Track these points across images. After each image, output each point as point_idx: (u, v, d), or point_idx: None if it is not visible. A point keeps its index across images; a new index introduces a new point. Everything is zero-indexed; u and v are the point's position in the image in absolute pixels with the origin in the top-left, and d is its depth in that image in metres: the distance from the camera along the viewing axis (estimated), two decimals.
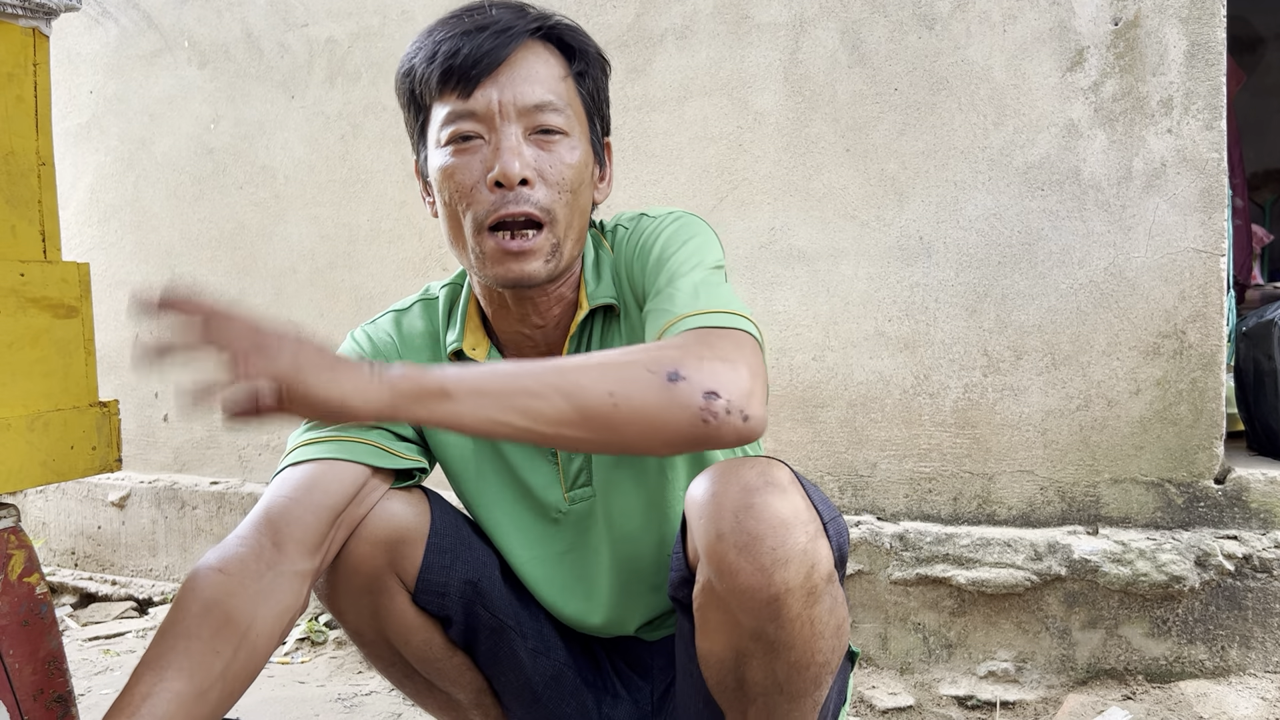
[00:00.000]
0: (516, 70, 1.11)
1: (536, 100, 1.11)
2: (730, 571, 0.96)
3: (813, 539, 0.96)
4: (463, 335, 1.24)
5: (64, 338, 1.34)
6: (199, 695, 0.97)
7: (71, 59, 3.16)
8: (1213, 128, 1.90)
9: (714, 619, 1.02)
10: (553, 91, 1.13)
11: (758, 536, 0.94)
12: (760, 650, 0.99)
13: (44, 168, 1.34)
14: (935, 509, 2.12)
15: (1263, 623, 1.89)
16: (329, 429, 1.20)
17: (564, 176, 1.13)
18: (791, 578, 0.95)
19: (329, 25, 2.73)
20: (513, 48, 1.10)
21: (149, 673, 0.97)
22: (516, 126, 1.11)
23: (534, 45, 1.14)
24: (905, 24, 2.10)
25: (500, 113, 1.10)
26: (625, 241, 1.25)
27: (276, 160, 2.83)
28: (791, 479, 1.00)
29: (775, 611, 0.96)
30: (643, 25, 2.34)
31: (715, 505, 0.97)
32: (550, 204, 1.12)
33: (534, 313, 1.21)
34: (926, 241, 2.10)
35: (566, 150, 1.14)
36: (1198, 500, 1.94)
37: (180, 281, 2.74)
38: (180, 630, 1.01)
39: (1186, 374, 1.94)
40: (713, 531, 0.97)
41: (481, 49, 1.09)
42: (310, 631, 2.57)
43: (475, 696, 1.33)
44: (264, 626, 1.05)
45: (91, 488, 3.09)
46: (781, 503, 0.95)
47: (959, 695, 2.01)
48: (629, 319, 1.23)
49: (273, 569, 1.08)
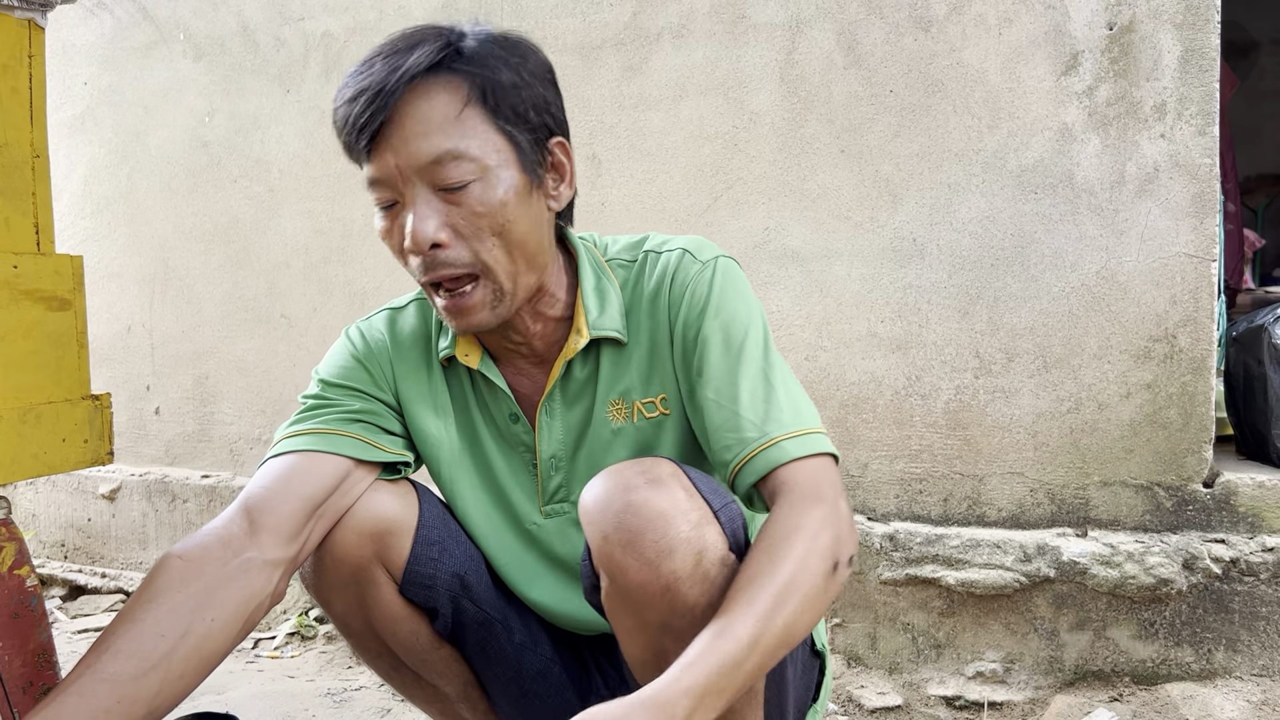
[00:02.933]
0: (405, 126, 1.05)
1: (431, 155, 1.05)
2: (620, 570, 0.99)
3: (696, 526, 0.99)
4: (455, 342, 1.24)
5: (56, 330, 1.34)
6: (136, 677, 0.96)
7: (66, 50, 3.15)
8: (1206, 133, 1.91)
9: (625, 622, 1.05)
10: (449, 135, 1.05)
11: (638, 531, 0.97)
12: (672, 643, 0.99)
13: (38, 160, 1.34)
14: (925, 510, 2.12)
15: (1249, 626, 1.90)
16: (314, 421, 1.20)
17: (480, 226, 1.07)
18: (679, 566, 0.97)
19: (325, 19, 2.73)
20: (389, 107, 1.04)
21: (88, 656, 0.97)
22: (421, 186, 1.06)
23: (421, 88, 1.06)
24: (901, 26, 2.11)
25: (401, 177, 1.06)
26: (659, 278, 1.21)
27: (271, 154, 2.83)
28: (673, 473, 1.02)
29: (671, 602, 0.98)
30: (639, 24, 2.34)
31: (599, 509, 1.00)
32: (473, 256, 1.08)
33: (514, 331, 1.20)
34: (920, 243, 2.11)
35: (478, 196, 1.07)
36: (1186, 504, 1.95)
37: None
38: (125, 615, 1.01)
39: (1177, 378, 1.95)
40: (599, 534, 1.00)
41: (362, 118, 1.04)
42: (300, 626, 2.57)
43: (462, 689, 1.33)
44: (221, 613, 1.04)
45: (82, 480, 3.09)
46: (660, 497, 0.98)
47: (947, 695, 2.01)
48: (653, 359, 1.21)
49: (239, 556, 1.08)
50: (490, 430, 1.28)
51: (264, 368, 2.85)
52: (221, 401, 2.93)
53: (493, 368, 1.23)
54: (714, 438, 1.13)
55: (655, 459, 1.04)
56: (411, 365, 1.27)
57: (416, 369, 1.27)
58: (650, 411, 1.22)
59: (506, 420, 1.25)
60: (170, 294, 3.00)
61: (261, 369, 2.86)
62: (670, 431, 1.22)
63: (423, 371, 1.28)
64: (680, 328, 1.18)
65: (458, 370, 1.27)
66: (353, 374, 1.26)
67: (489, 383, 1.24)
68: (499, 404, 1.25)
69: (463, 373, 1.27)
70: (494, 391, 1.25)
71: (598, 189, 2.39)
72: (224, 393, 2.92)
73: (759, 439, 1.09)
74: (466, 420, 1.28)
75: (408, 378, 1.27)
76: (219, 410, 2.93)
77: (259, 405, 2.86)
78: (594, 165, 2.39)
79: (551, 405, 1.23)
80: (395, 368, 1.27)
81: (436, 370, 1.27)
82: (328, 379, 1.26)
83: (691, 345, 1.17)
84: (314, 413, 1.22)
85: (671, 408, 1.21)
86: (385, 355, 1.28)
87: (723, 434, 1.12)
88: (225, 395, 2.92)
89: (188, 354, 2.98)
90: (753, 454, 1.08)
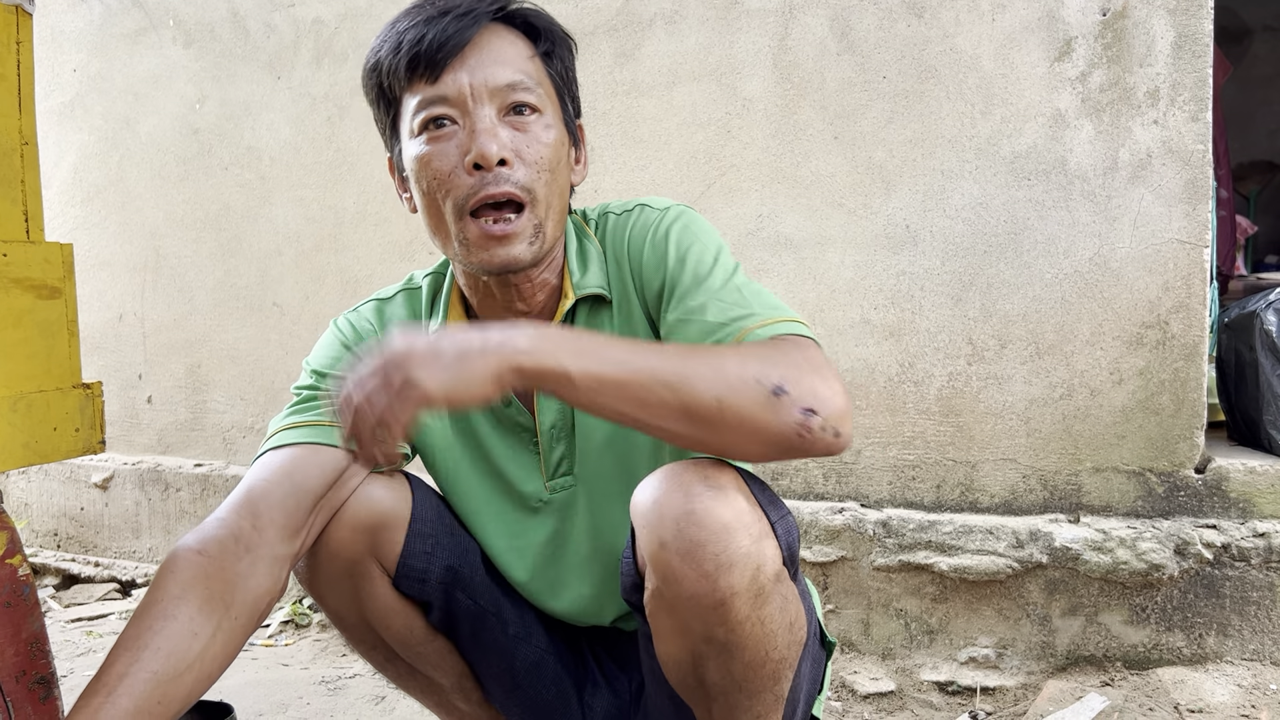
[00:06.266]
0: (484, 52, 1.10)
1: (507, 80, 1.10)
2: (675, 579, 0.96)
3: (757, 541, 0.96)
4: (444, 325, 1.23)
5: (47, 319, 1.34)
6: (176, 676, 0.97)
7: (55, 37, 3.13)
8: (1199, 119, 1.91)
9: (666, 624, 1.03)
10: (522, 71, 1.12)
11: (700, 543, 0.94)
12: (714, 652, 1.00)
13: (27, 147, 1.33)
14: (918, 496, 2.13)
15: (1240, 611, 1.91)
16: (310, 413, 1.20)
17: (541, 155, 1.12)
18: (737, 581, 0.95)
19: (316, 5, 2.71)
20: (476, 29, 1.09)
21: (125, 653, 0.97)
22: (490, 108, 1.09)
23: (497, 28, 1.12)
24: (894, 11, 2.10)
25: (472, 95, 1.09)
26: (622, 231, 1.23)
27: (262, 141, 2.81)
28: (735, 480, 0.99)
29: (723, 616, 0.96)
30: (632, 9, 2.33)
31: (658, 513, 0.97)
32: (530, 183, 1.11)
33: (518, 299, 1.20)
34: (913, 230, 2.10)
35: (542, 129, 1.12)
36: (1178, 489, 1.96)
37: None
38: (158, 611, 1.00)
39: (1169, 364, 1.95)
40: (656, 540, 0.97)
41: (446, 32, 1.07)
42: (294, 614, 2.57)
43: (457, 681, 1.33)
44: (242, 609, 1.05)
45: (74, 469, 3.08)
46: (723, 507, 0.95)
47: (940, 681, 2.02)
48: (624, 311, 1.22)
49: (251, 552, 1.08)
50: (485, 415, 1.27)
51: (256, 356, 2.85)
52: (214, 390, 2.92)
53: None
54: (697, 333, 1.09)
55: (716, 461, 1.01)
56: None
57: None
58: None
59: (499, 403, 1.25)
60: (161, 282, 2.99)
61: (254, 357, 2.85)
62: None
63: None
64: (645, 273, 1.19)
65: None
66: (344, 363, 1.25)
67: None
68: None
69: None
70: None
71: (590, 176, 2.38)
72: (216, 381, 2.91)
73: (759, 317, 1.06)
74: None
75: None
76: (211, 399, 2.92)
77: (251, 394, 2.86)
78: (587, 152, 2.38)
79: None
80: None
81: None
82: (319, 369, 1.25)
83: (658, 289, 1.17)
84: (309, 404, 1.21)
85: None
86: (374, 344, 1.27)
87: (696, 321, 1.09)
88: (217, 384, 2.91)
89: (179, 342, 2.97)
90: (751, 329, 1.05)
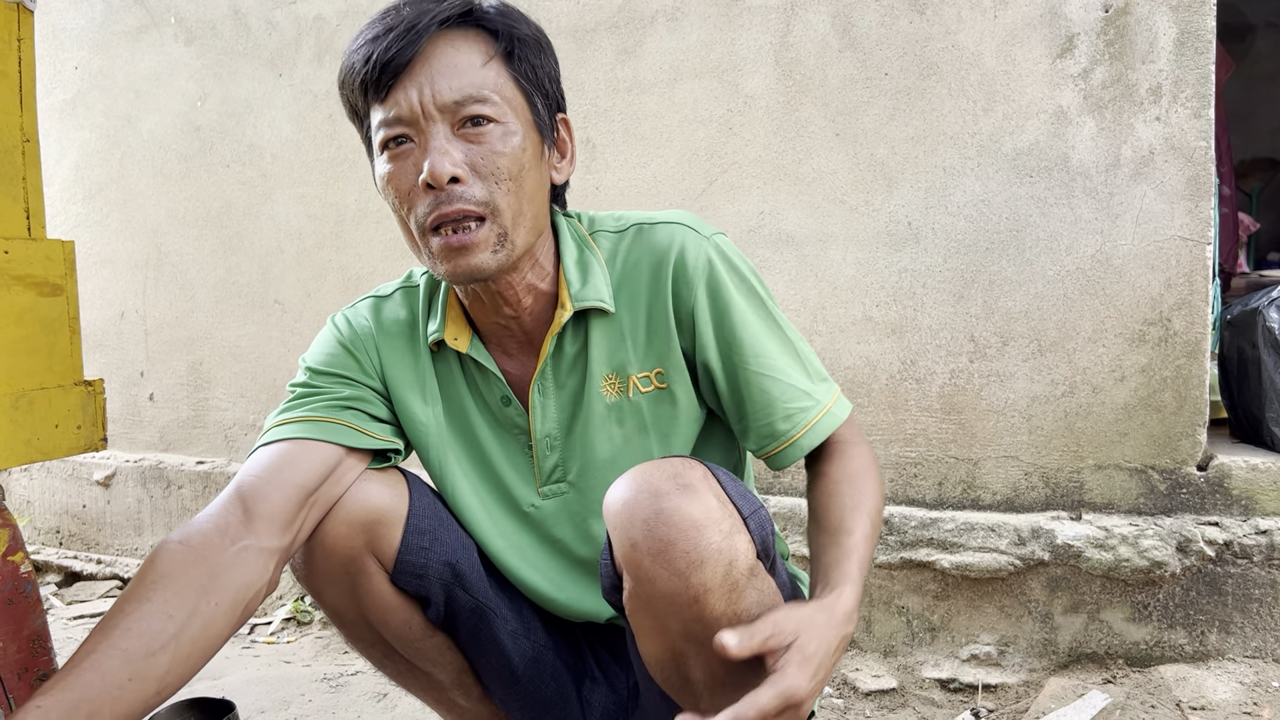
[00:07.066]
0: (432, 65, 1.08)
1: (457, 95, 1.08)
2: (648, 579, 0.96)
3: (728, 536, 0.96)
4: (444, 325, 1.23)
5: (48, 316, 1.34)
6: (148, 655, 0.96)
7: (56, 34, 3.13)
8: (1201, 116, 1.91)
9: (645, 624, 1.04)
10: (474, 80, 1.09)
11: (670, 542, 0.94)
12: (694, 650, 1.00)
13: (28, 144, 1.33)
14: (920, 494, 2.13)
15: (1242, 608, 1.91)
16: (304, 409, 1.20)
17: (499, 166, 1.10)
18: (709, 578, 0.95)
19: (317, 2, 2.71)
20: (420, 44, 1.07)
21: (98, 634, 0.97)
22: (442, 124, 1.08)
23: (449, 35, 1.10)
24: (896, 8, 2.10)
25: (424, 113, 1.08)
26: (649, 252, 1.21)
27: (264, 139, 2.81)
28: (704, 477, 0.99)
29: (698, 612, 0.97)
30: (633, 6, 2.33)
31: (628, 514, 0.97)
32: (487, 196, 1.09)
33: (504, 304, 1.20)
34: (915, 227, 2.10)
35: (499, 139, 1.10)
36: (1180, 487, 1.96)
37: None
38: (132, 595, 1.00)
39: (1171, 361, 1.95)
40: (627, 541, 0.97)
41: (389, 52, 1.06)
42: (296, 611, 2.57)
43: (456, 676, 1.33)
44: (224, 599, 1.05)
45: (77, 466, 3.08)
46: (692, 504, 0.95)
47: (942, 678, 2.02)
48: (648, 330, 1.21)
49: (237, 544, 1.08)
50: (483, 415, 1.27)
51: (258, 353, 2.85)
52: (215, 387, 2.92)
53: (482, 351, 1.23)
54: (771, 408, 1.19)
55: (685, 460, 1.01)
56: (398, 351, 1.27)
57: (403, 355, 1.27)
58: (646, 386, 1.21)
59: (499, 403, 1.25)
60: (163, 280, 2.99)
61: (255, 355, 2.85)
62: (667, 406, 1.22)
63: (409, 358, 1.27)
64: (691, 302, 1.18)
65: (447, 356, 1.27)
66: (340, 361, 1.26)
67: (479, 367, 1.24)
68: (490, 387, 1.25)
69: (452, 358, 1.27)
70: (485, 375, 1.24)
71: (592, 173, 2.38)
72: (218, 378, 2.92)
73: (814, 406, 1.20)
74: (457, 405, 1.28)
75: (394, 364, 1.27)
76: (213, 396, 2.92)
77: (253, 391, 2.86)
78: (588, 150, 2.38)
79: (544, 384, 1.23)
80: (381, 354, 1.27)
81: (424, 356, 1.27)
82: (315, 366, 1.25)
83: (708, 318, 1.19)
84: (304, 400, 1.21)
85: (669, 382, 1.21)
86: (371, 341, 1.27)
87: (780, 404, 1.19)
88: (219, 381, 2.91)
89: (181, 340, 2.97)
90: (813, 422, 1.19)
